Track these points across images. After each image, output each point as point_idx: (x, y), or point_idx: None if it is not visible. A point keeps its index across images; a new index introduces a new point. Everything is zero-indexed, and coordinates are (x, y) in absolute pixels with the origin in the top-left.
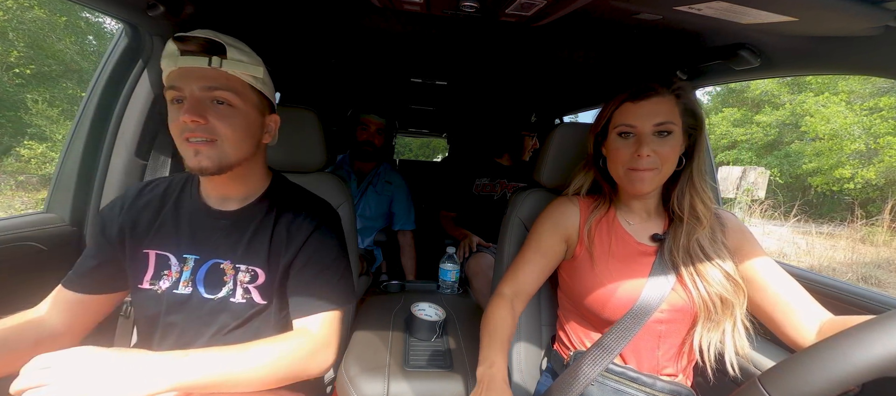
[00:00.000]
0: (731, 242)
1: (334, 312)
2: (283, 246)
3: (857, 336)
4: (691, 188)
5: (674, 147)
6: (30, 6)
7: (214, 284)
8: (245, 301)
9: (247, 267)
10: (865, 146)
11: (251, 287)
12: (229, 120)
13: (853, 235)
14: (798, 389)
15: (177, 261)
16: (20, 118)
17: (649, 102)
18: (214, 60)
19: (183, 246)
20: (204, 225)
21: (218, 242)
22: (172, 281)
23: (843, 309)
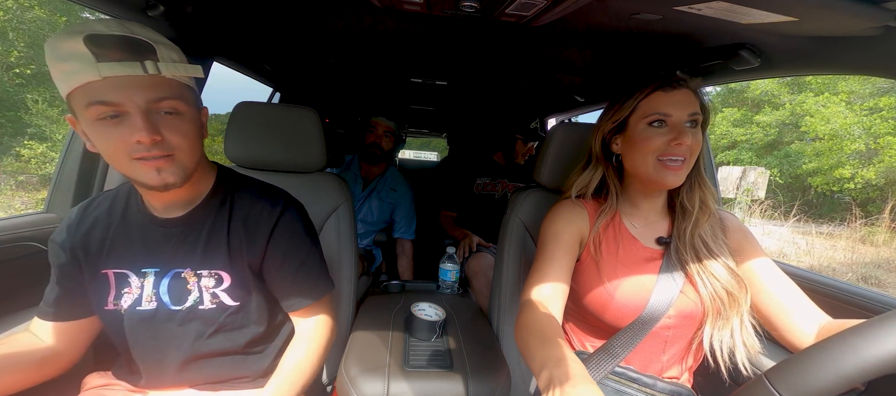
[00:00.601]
0: (732, 242)
1: (326, 297)
2: (244, 244)
3: (865, 332)
4: (700, 180)
5: (700, 139)
6: (30, 6)
7: (179, 295)
8: (215, 305)
9: (209, 271)
10: (865, 146)
11: (217, 291)
12: (182, 130)
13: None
14: (806, 385)
15: (136, 277)
16: (20, 118)
17: (681, 92)
18: (148, 65)
19: (139, 260)
20: (156, 235)
21: (174, 251)
22: (134, 298)
23: (843, 309)
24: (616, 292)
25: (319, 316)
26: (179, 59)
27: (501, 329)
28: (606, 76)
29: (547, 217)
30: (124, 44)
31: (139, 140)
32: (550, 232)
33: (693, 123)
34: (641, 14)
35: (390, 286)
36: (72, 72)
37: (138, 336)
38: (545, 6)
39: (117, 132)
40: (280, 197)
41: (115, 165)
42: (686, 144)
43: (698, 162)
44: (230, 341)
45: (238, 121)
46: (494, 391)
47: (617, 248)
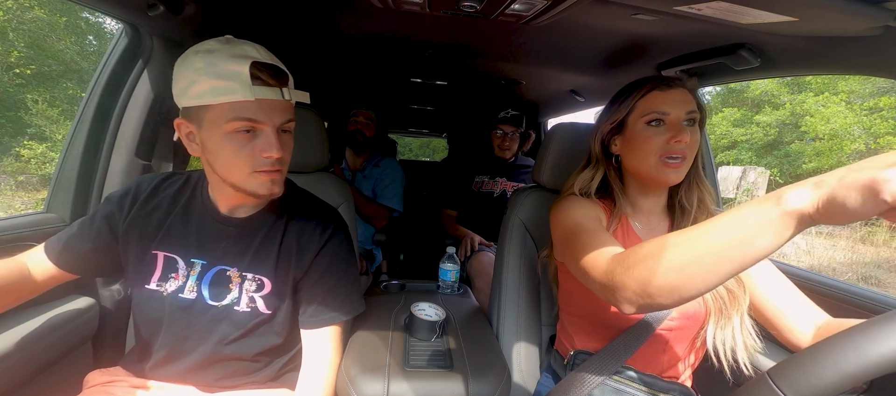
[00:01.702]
0: None
1: (344, 321)
2: (293, 257)
3: (869, 331)
4: (699, 179)
5: (698, 137)
6: (30, 6)
7: (219, 291)
8: (249, 310)
9: (253, 275)
10: (865, 146)
11: (257, 296)
12: (289, 147)
13: (853, 235)
14: (809, 383)
15: (184, 265)
16: (20, 118)
17: (678, 91)
18: (285, 91)
19: (191, 250)
20: (212, 230)
21: (226, 249)
22: (178, 285)
23: (843, 309)
24: None
25: (333, 338)
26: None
27: (501, 329)
28: (606, 76)
29: (562, 208)
30: (273, 71)
31: (269, 155)
32: (579, 216)
33: (691, 121)
34: (641, 14)
35: (390, 286)
36: (227, 90)
37: (171, 322)
38: (545, 6)
39: (249, 146)
40: (333, 217)
41: (230, 172)
42: (685, 141)
43: (697, 161)
44: (249, 347)
45: None
46: (494, 391)
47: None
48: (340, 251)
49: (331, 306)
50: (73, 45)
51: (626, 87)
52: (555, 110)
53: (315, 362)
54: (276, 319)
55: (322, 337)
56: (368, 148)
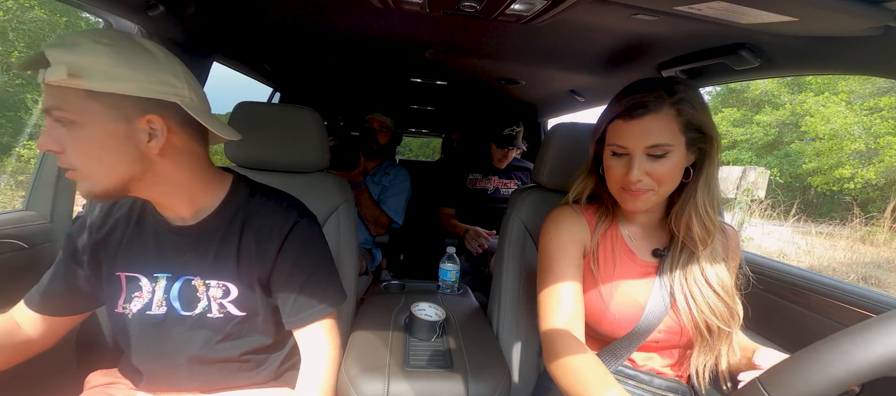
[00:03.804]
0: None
1: (331, 313)
2: (253, 258)
3: (857, 335)
4: (693, 207)
5: (672, 167)
6: (30, 6)
7: (190, 301)
8: (222, 315)
9: (217, 282)
10: (865, 146)
11: (225, 301)
12: (75, 145)
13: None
14: (798, 390)
15: (148, 281)
16: (20, 118)
17: (641, 122)
18: (41, 73)
19: (152, 265)
20: (169, 241)
21: (186, 258)
22: (144, 303)
23: (843, 308)
24: (611, 304)
25: (323, 331)
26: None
27: (501, 329)
28: (606, 76)
29: (548, 226)
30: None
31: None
32: (556, 246)
33: (657, 155)
34: (641, 14)
35: (390, 286)
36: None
37: (146, 339)
38: (545, 6)
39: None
40: (293, 209)
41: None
42: (635, 181)
43: (697, 183)
44: (237, 348)
45: (238, 121)
46: (494, 391)
47: (614, 259)
48: (307, 243)
49: (309, 302)
50: None
51: (616, 96)
52: (555, 110)
53: (311, 360)
54: (255, 320)
55: (312, 335)
56: (381, 154)
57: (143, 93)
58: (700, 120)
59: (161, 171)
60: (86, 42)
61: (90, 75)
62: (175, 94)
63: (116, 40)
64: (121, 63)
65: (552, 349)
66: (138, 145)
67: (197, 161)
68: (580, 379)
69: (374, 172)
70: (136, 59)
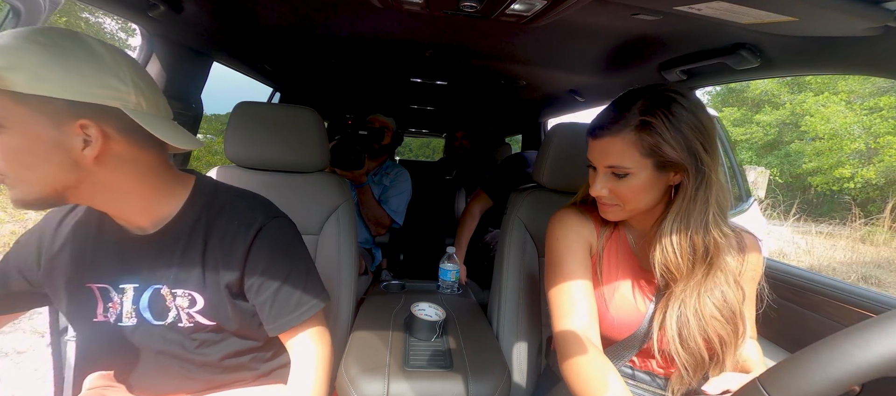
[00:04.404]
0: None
1: (315, 316)
2: (220, 266)
3: (857, 335)
4: (660, 237)
5: (635, 187)
6: None
7: (160, 310)
8: (192, 324)
9: (183, 291)
10: (865, 146)
11: (192, 311)
12: (2, 149)
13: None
14: (799, 389)
15: (115, 293)
16: None
17: (601, 142)
18: None
19: (116, 275)
20: (132, 250)
21: (151, 266)
22: (116, 314)
23: (843, 308)
24: (611, 307)
25: (309, 331)
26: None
27: (501, 329)
28: (606, 76)
29: (554, 226)
30: None
31: None
32: (563, 246)
33: (617, 174)
34: (641, 14)
35: (390, 286)
36: None
37: (125, 348)
38: (545, 6)
39: None
40: (258, 212)
41: None
42: (597, 194)
43: (668, 211)
44: (217, 353)
45: (238, 121)
46: (494, 391)
47: (618, 263)
48: (277, 245)
49: (287, 307)
50: None
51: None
52: (555, 110)
53: (300, 365)
54: (228, 326)
55: (298, 340)
56: (383, 154)
57: (73, 96)
58: (665, 149)
59: (101, 180)
60: (17, 41)
61: (15, 76)
62: (115, 98)
63: (54, 39)
64: (53, 64)
65: (566, 351)
66: (71, 153)
67: (147, 168)
68: (594, 390)
69: (375, 172)
70: (73, 59)
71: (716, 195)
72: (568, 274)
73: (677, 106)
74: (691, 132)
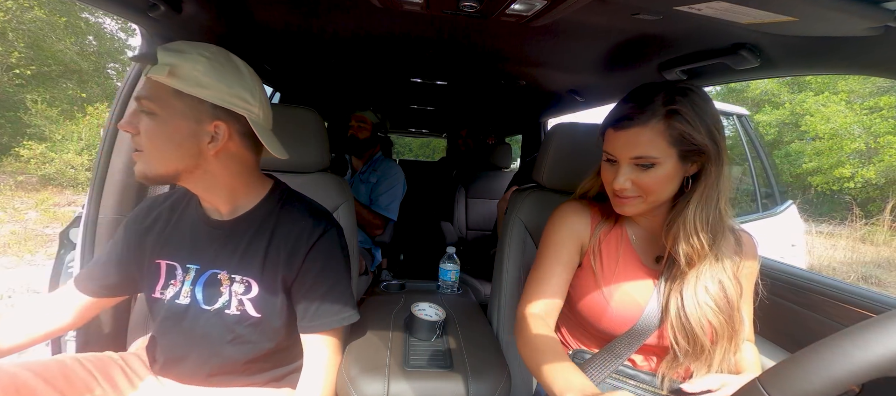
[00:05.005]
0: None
1: (341, 327)
2: (282, 260)
3: (857, 335)
4: (681, 224)
5: (658, 177)
6: (30, 6)
7: (212, 295)
8: (239, 312)
9: (241, 277)
10: (865, 145)
11: (245, 298)
12: (149, 131)
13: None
14: (798, 389)
15: (181, 271)
16: (20, 118)
17: (627, 133)
18: (147, 68)
19: (186, 256)
20: (203, 235)
21: (216, 252)
22: (175, 291)
23: (843, 308)
24: (611, 301)
25: (332, 341)
26: (176, 61)
27: (501, 329)
28: (606, 76)
29: (553, 218)
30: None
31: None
32: (554, 240)
33: (643, 165)
34: (641, 14)
35: (390, 286)
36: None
37: (171, 326)
38: (545, 6)
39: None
40: (324, 218)
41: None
42: (620, 188)
43: (691, 198)
44: (244, 353)
45: None
46: (494, 391)
47: (617, 257)
48: (333, 253)
49: (328, 311)
50: (72, 46)
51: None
52: (555, 110)
53: (313, 364)
54: (267, 323)
55: (320, 342)
56: (365, 150)
57: (219, 102)
58: (694, 135)
59: (211, 169)
60: (191, 51)
61: (184, 78)
62: (245, 110)
63: (216, 55)
64: (212, 74)
65: (523, 329)
66: (199, 144)
67: (245, 167)
68: (544, 361)
69: (363, 171)
70: (226, 73)
71: (727, 184)
72: (547, 267)
73: (696, 95)
74: (711, 120)
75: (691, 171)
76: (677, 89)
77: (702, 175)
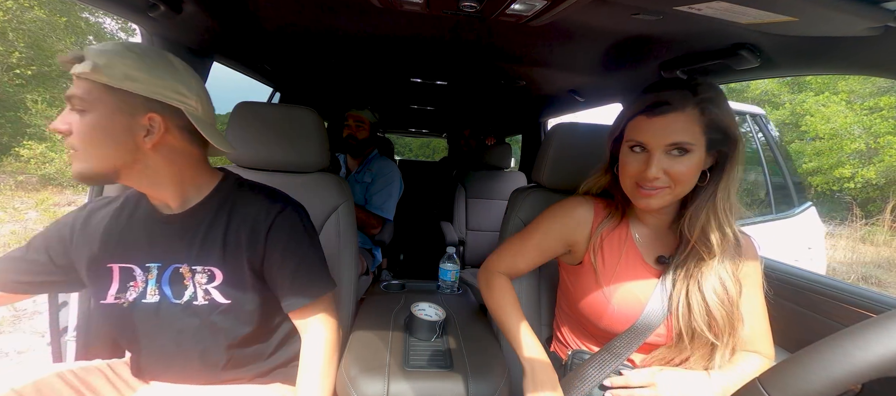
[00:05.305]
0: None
1: (325, 297)
2: (244, 243)
3: (857, 335)
4: (711, 211)
5: (690, 166)
6: (30, 6)
7: (178, 289)
8: (207, 302)
9: (203, 267)
10: (865, 146)
11: (210, 287)
12: (80, 128)
13: (853, 235)
14: (799, 389)
15: (141, 272)
16: (20, 118)
17: (664, 119)
18: (76, 67)
19: (144, 255)
20: (158, 231)
21: (174, 246)
22: (139, 292)
23: (843, 308)
24: (612, 299)
25: (320, 315)
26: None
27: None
28: (606, 76)
29: (557, 206)
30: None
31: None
32: (544, 227)
33: (680, 151)
34: (641, 14)
35: (390, 286)
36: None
37: (143, 327)
38: (545, 6)
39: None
40: (280, 198)
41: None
42: (653, 178)
43: (716, 186)
44: (220, 341)
45: (238, 121)
46: (494, 391)
47: (619, 255)
48: (296, 228)
49: (304, 285)
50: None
51: (632, 100)
52: (555, 110)
53: (311, 346)
54: (239, 307)
55: (311, 320)
56: (363, 150)
57: (149, 94)
58: (725, 122)
59: (151, 164)
60: (119, 48)
61: (111, 73)
62: (181, 102)
63: (147, 52)
64: (141, 68)
65: (489, 280)
66: (134, 138)
67: (190, 160)
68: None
69: (358, 170)
70: (156, 68)
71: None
72: (528, 244)
73: (716, 88)
74: (730, 114)
75: (708, 163)
76: (698, 81)
77: (728, 162)
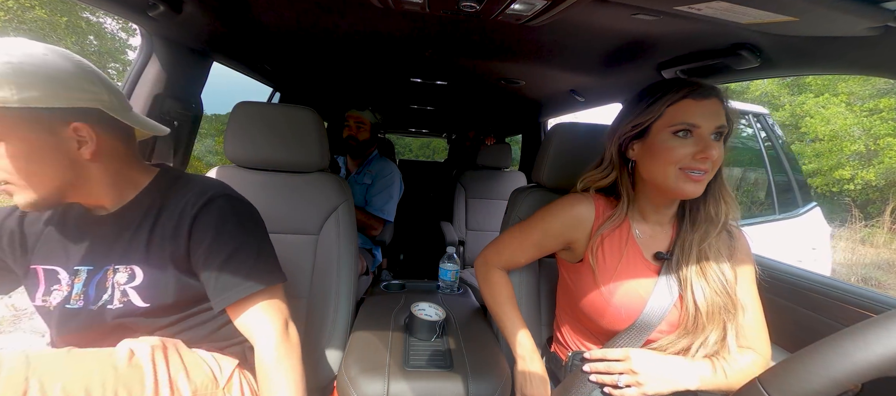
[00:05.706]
0: (734, 260)
1: (264, 292)
2: (168, 235)
3: (857, 335)
4: (722, 189)
5: (722, 152)
6: (31, 6)
7: (99, 292)
8: (122, 305)
9: (125, 266)
10: (865, 147)
11: (128, 288)
12: (7, 161)
13: (853, 236)
14: (798, 389)
15: (67, 275)
16: None
17: (712, 102)
18: None
19: (73, 258)
20: (91, 233)
21: (107, 248)
22: (64, 296)
23: (843, 309)
24: (613, 297)
25: (260, 315)
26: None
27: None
28: (606, 76)
29: (559, 202)
30: None
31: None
32: (544, 225)
33: (718, 135)
34: (641, 14)
35: (390, 286)
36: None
37: (67, 331)
38: (545, 6)
39: None
40: (211, 189)
41: None
42: (711, 158)
43: (719, 172)
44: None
45: (238, 121)
46: (494, 391)
47: (620, 254)
48: (226, 219)
49: (234, 280)
50: (73, 45)
51: (653, 89)
52: (555, 110)
53: (261, 344)
54: (164, 301)
55: (250, 317)
56: (363, 151)
57: (59, 103)
58: (729, 111)
59: (93, 175)
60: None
61: (2, 93)
62: (94, 100)
63: (27, 54)
64: (32, 77)
65: (487, 275)
66: (69, 153)
67: (122, 159)
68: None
69: (358, 171)
70: (49, 70)
71: None
72: (527, 239)
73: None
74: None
75: None
76: (693, 81)
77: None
